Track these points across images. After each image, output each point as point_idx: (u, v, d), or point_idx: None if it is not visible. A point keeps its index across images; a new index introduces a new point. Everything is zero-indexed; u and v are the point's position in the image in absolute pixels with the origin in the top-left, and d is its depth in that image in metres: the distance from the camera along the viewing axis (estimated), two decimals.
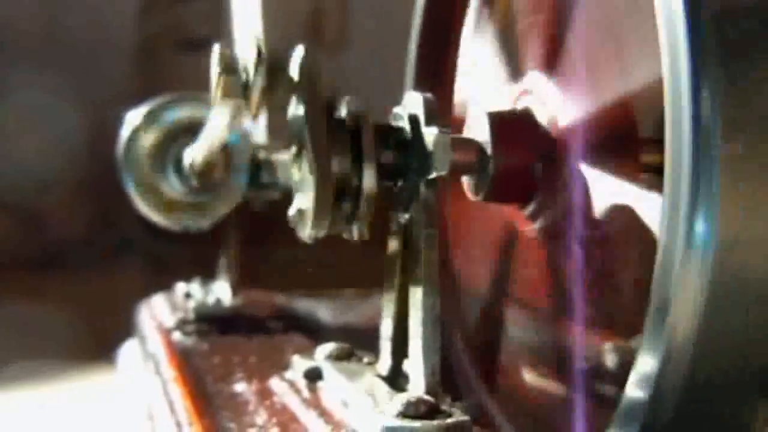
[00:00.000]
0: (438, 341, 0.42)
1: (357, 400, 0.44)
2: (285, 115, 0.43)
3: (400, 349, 0.45)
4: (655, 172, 0.35)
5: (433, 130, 0.41)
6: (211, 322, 0.69)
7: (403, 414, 0.39)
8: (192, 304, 0.71)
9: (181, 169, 0.67)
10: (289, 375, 0.51)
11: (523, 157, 0.44)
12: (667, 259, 0.32)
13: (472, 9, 0.54)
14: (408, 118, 0.43)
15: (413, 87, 0.57)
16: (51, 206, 1.60)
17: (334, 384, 0.47)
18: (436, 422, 0.39)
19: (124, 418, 0.67)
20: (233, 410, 0.49)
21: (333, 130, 0.41)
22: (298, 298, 0.77)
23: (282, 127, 0.44)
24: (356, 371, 0.47)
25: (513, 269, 0.49)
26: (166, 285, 0.79)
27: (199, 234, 0.70)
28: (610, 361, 0.40)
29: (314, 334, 0.66)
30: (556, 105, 0.43)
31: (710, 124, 0.31)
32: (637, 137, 0.38)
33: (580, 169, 0.41)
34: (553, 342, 0.45)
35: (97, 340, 0.96)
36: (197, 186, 0.68)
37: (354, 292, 0.79)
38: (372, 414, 0.41)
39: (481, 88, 0.52)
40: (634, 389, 0.34)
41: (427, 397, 0.40)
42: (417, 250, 0.42)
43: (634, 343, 0.37)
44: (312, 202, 0.40)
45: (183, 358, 0.60)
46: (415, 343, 0.42)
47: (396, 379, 0.45)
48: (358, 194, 0.41)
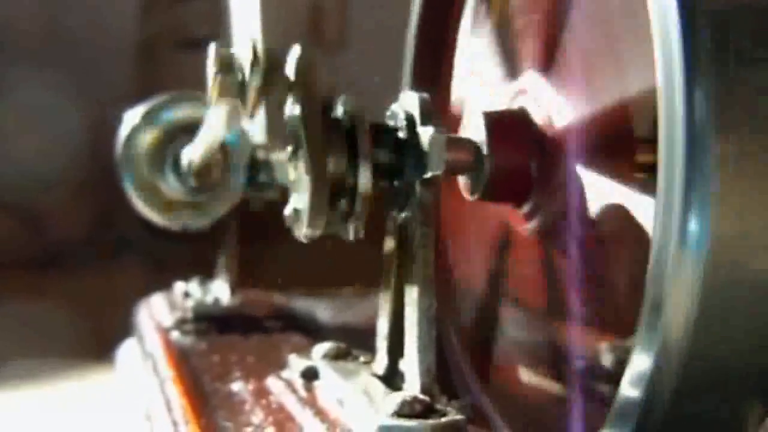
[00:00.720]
0: (433, 340, 0.42)
1: (352, 399, 0.44)
2: (283, 114, 0.43)
3: (396, 348, 0.45)
4: (649, 171, 0.35)
5: (429, 129, 0.41)
6: (209, 322, 0.69)
7: (398, 413, 0.39)
8: (190, 303, 0.71)
9: (179, 168, 0.67)
10: (285, 374, 0.51)
11: (519, 156, 0.44)
12: (661, 259, 0.32)
13: (468, 8, 0.54)
14: (404, 117, 0.43)
15: (410, 86, 0.57)
16: (51, 206, 1.59)
17: (331, 383, 0.47)
18: (430, 421, 0.39)
19: (122, 418, 0.67)
20: (230, 409, 0.49)
21: (329, 130, 0.41)
22: (297, 297, 0.77)
23: (281, 126, 0.44)
24: (352, 370, 0.47)
25: (509, 269, 0.49)
26: (165, 284, 0.79)
27: (197, 233, 0.70)
28: (606, 360, 0.40)
29: (312, 333, 0.66)
30: (552, 105, 0.43)
31: (703, 125, 0.31)
32: (632, 137, 0.39)
33: (575, 169, 0.41)
34: (548, 341, 0.46)
35: (96, 339, 0.96)
36: (195, 185, 0.68)
37: (352, 291, 0.79)
38: (367, 413, 0.41)
39: (477, 88, 0.52)
40: (628, 388, 0.34)
41: (422, 397, 0.40)
42: (413, 249, 0.42)
43: (629, 342, 0.37)
44: (307, 202, 0.40)
45: (181, 357, 0.60)
46: (411, 342, 0.42)
47: (392, 378, 0.45)
48: (354, 194, 0.41)
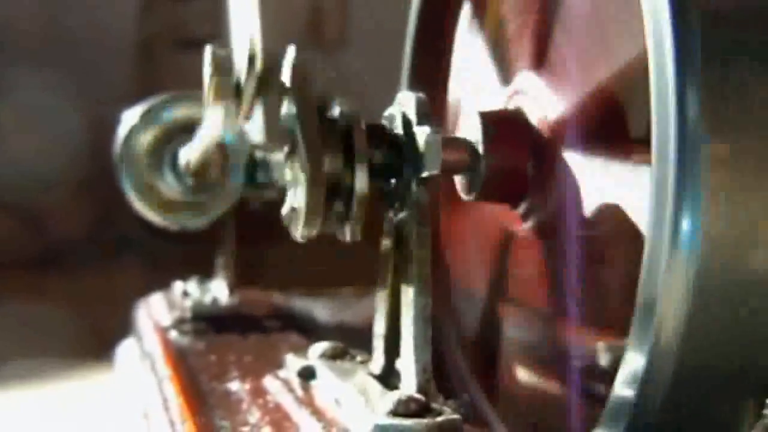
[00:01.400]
0: (429, 340, 0.42)
1: (349, 398, 0.44)
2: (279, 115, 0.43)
3: (393, 348, 0.45)
4: (646, 171, 0.35)
5: (425, 129, 0.41)
6: (208, 321, 0.69)
7: (394, 412, 0.39)
8: (189, 303, 0.71)
9: (178, 168, 0.67)
10: (283, 374, 0.51)
11: (515, 156, 0.44)
12: (654, 258, 0.32)
13: (465, 10, 0.54)
14: (400, 117, 0.43)
15: (407, 87, 0.57)
16: (51, 206, 1.60)
17: (327, 383, 0.47)
18: (426, 420, 0.39)
19: (121, 417, 0.67)
20: (227, 408, 0.49)
21: (325, 130, 0.41)
22: (295, 297, 0.77)
23: (278, 127, 0.45)
24: (349, 370, 0.47)
25: (505, 268, 0.49)
26: (165, 284, 0.79)
27: (196, 233, 0.70)
28: (602, 359, 0.40)
29: (311, 333, 0.66)
30: (548, 105, 0.43)
31: (696, 124, 0.31)
32: (628, 137, 0.39)
33: (571, 169, 0.41)
34: (545, 340, 0.46)
35: (96, 338, 0.96)
36: (194, 185, 0.68)
37: (351, 291, 0.79)
38: (363, 412, 0.41)
39: (473, 88, 0.52)
40: (621, 387, 0.34)
41: (418, 396, 0.40)
42: (409, 249, 0.42)
43: (624, 341, 0.37)
44: (303, 201, 0.40)
45: (178, 356, 0.60)
46: (407, 342, 0.42)
47: (389, 378, 0.45)
48: (351, 195, 0.41)
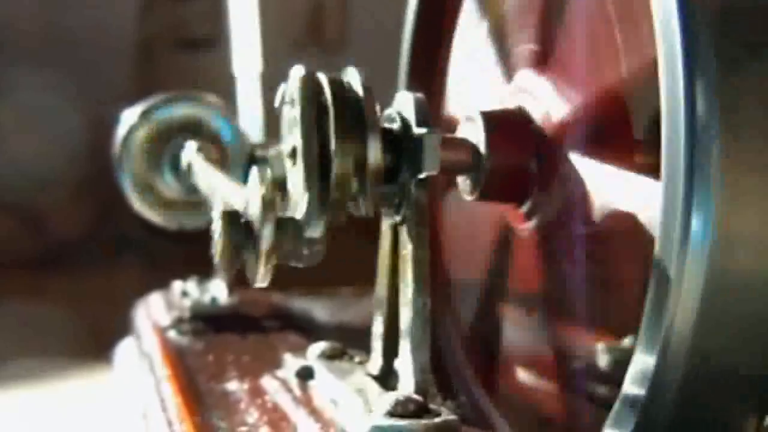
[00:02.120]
0: (428, 340, 0.42)
1: (347, 398, 0.44)
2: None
3: (392, 348, 0.45)
4: (650, 170, 0.35)
5: (424, 130, 0.41)
6: (206, 321, 0.69)
7: (392, 413, 0.39)
8: (188, 302, 0.71)
9: (177, 167, 0.67)
10: (281, 374, 0.51)
11: (518, 155, 0.44)
12: (664, 257, 0.32)
13: (464, 8, 0.54)
14: (399, 118, 0.43)
15: (406, 87, 0.57)
16: (51, 206, 1.60)
17: (326, 383, 0.47)
18: (424, 421, 0.39)
19: (120, 417, 0.67)
20: (224, 408, 0.49)
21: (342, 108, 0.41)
22: (294, 297, 0.76)
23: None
24: (347, 370, 0.47)
25: (509, 268, 0.49)
26: (165, 283, 0.79)
27: (195, 233, 0.70)
28: (606, 359, 0.40)
29: (309, 333, 0.66)
30: (550, 103, 0.43)
31: (706, 122, 0.31)
32: (632, 135, 0.38)
33: (575, 168, 0.41)
34: (549, 340, 0.45)
35: (96, 338, 0.96)
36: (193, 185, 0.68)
37: (350, 291, 0.79)
38: (361, 413, 0.41)
39: (474, 87, 0.52)
40: (630, 387, 0.34)
41: (415, 396, 0.40)
42: (407, 249, 0.42)
43: (630, 341, 0.37)
44: (303, 215, 0.40)
45: (177, 356, 0.60)
46: (405, 342, 0.42)
47: (387, 378, 0.45)
48: (364, 171, 0.40)
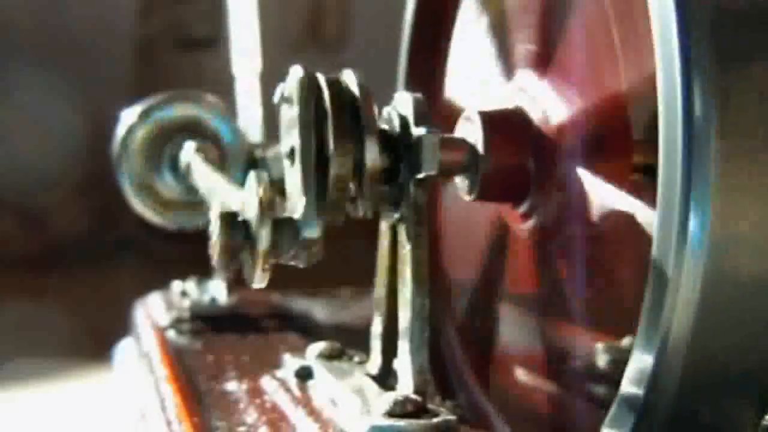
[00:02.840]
0: (427, 340, 0.42)
1: (346, 399, 0.44)
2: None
3: (390, 348, 0.45)
4: (648, 171, 0.35)
5: (423, 130, 0.41)
6: (205, 321, 0.69)
7: (391, 413, 0.39)
8: (187, 302, 0.71)
9: (176, 167, 0.67)
10: (280, 374, 0.51)
11: (516, 156, 0.44)
12: (661, 258, 0.32)
13: (463, 8, 0.54)
14: (398, 118, 0.43)
15: (404, 86, 0.57)
16: (51, 205, 1.60)
17: (325, 383, 0.47)
18: (422, 421, 0.39)
19: (119, 417, 0.67)
20: (223, 409, 0.49)
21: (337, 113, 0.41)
22: (293, 297, 0.76)
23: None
24: (346, 370, 0.47)
25: (506, 268, 0.49)
26: (165, 283, 0.79)
27: (194, 233, 0.70)
28: (604, 359, 0.40)
29: (309, 333, 0.66)
30: (549, 103, 0.43)
31: (703, 124, 0.31)
32: (630, 136, 0.38)
33: (573, 168, 0.41)
34: (547, 340, 0.45)
35: (95, 338, 0.96)
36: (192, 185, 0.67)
37: (349, 291, 0.79)
38: (360, 413, 0.41)
39: (472, 87, 0.52)
40: (628, 387, 0.34)
41: (414, 396, 0.40)
42: (407, 249, 0.42)
43: (628, 341, 0.37)
44: (300, 216, 0.40)
45: (176, 356, 0.60)
46: (404, 342, 0.42)
47: (386, 378, 0.45)
48: (362, 174, 0.41)
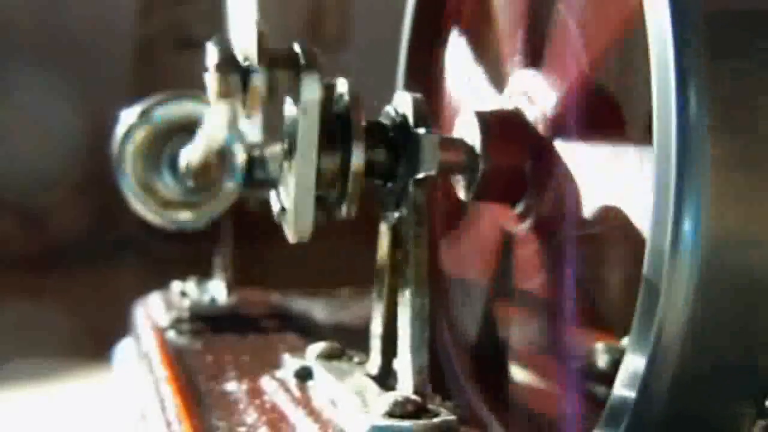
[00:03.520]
0: (426, 341, 0.42)
1: (345, 399, 0.44)
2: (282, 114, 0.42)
3: (390, 349, 0.45)
4: (643, 171, 0.35)
5: (422, 130, 0.41)
6: (205, 321, 0.69)
7: (390, 413, 0.39)
8: (187, 302, 0.71)
9: (176, 167, 0.67)
10: (280, 374, 0.51)
11: (513, 156, 0.44)
12: (655, 259, 0.32)
13: (463, 7, 0.54)
14: (397, 118, 0.43)
15: (404, 87, 0.57)
16: (51, 205, 1.60)
17: (324, 383, 0.47)
18: (422, 422, 0.39)
19: (119, 417, 0.67)
20: (223, 409, 0.49)
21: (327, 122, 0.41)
22: (293, 297, 0.76)
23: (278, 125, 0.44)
24: (346, 370, 0.47)
25: (503, 268, 0.49)
26: (164, 283, 0.79)
27: (194, 233, 0.70)
28: (600, 359, 0.40)
29: (308, 333, 0.66)
30: (546, 104, 0.43)
31: (697, 124, 0.31)
32: (626, 135, 0.39)
33: (569, 169, 0.41)
34: (543, 341, 0.45)
35: (95, 338, 0.96)
36: (192, 185, 0.68)
37: (348, 291, 0.79)
38: (360, 413, 0.41)
39: (471, 88, 0.52)
40: (621, 388, 0.34)
41: (414, 397, 0.40)
42: (406, 249, 0.42)
43: (624, 341, 0.37)
44: (292, 204, 0.40)
45: (176, 356, 0.60)
46: (404, 343, 0.42)
47: (385, 379, 0.45)
48: (347, 175, 0.41)
